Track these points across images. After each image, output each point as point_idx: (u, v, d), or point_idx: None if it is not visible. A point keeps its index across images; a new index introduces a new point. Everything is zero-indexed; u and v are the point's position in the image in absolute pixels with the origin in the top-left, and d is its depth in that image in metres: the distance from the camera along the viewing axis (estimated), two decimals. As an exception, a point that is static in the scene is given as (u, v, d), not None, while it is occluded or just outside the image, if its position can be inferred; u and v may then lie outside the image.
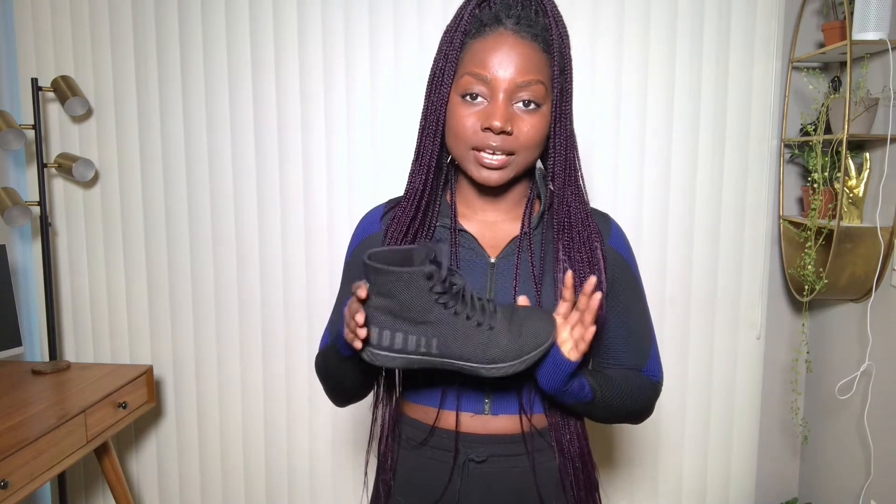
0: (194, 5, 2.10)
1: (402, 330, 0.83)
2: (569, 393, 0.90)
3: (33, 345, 2.29)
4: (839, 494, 2.04)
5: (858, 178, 1.82)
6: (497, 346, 0.84)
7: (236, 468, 2.27)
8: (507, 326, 0.85)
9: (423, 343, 0.83)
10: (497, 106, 0.89)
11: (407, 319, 0.82)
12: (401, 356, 0.84)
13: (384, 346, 0.84)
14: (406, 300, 0.81)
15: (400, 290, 0.81)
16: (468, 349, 0.84)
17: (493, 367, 0.84)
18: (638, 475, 2.19)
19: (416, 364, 0.85)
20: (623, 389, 0.96)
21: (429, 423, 1.00)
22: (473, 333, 0.84)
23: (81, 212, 2.23)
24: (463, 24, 0.91)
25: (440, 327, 0.83)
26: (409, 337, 0.83)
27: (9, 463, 1.46)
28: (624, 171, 2.07)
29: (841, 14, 1.90)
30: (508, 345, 0.84)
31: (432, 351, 0.84)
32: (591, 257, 0.96)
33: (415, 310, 0.82)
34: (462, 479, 0.98)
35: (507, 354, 0.84)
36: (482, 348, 0.84)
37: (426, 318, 0.82)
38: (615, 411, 0.97)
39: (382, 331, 0.83)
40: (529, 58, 0.89)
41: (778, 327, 2.19)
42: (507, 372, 0.85)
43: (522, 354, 0.84)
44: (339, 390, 1.03)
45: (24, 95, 2.16)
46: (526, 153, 0.92)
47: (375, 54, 2.08)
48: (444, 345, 0.84)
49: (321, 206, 2.15)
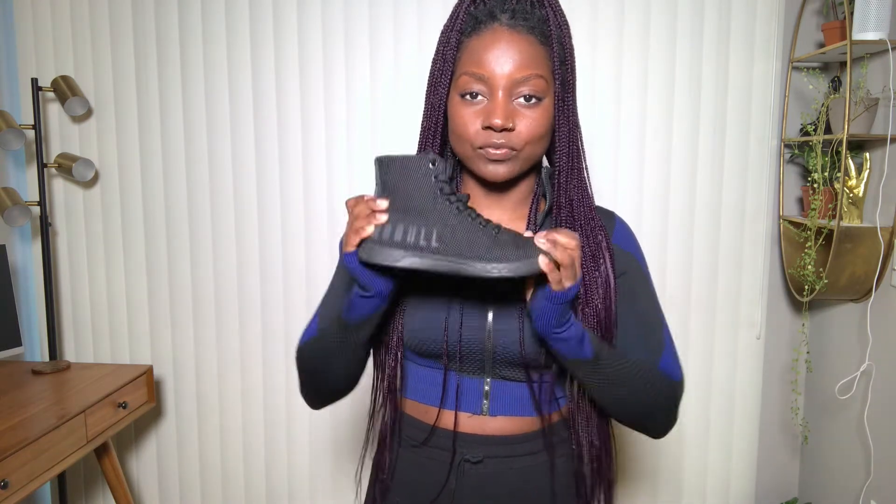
0: (194, 5, 2.10)
1: (403, 222, 0.81)
2: (566, 340, 0.86)
3: (33, 345, 2.29)
4: (839, 494, 2.04)
5: (858, 178, 1.82)
6: (501, 246, 0.80)
7: (236, 468, 2.27)
8: (512, 237, 0.81)
9: (424, 234, 0.80)
10: (496, 104, 0.88)
11: (410, 211, 0.81)
12: (398, 251, 0.80)
13: (383, 240, 0.81)
14: (410, 188, 0.80)
15: (404, 178, 0.80)
16: (469, 245, 0.80)
17: (498, 265, 0.79)
18: (638, 475, 2.19)
19: (413, 263, 0.81)
20: (632, 369, 0.91)
21: (427, 421, 0.99)
22: (477, 232, 0.80)
23: (81, 212, 2.23)
24: (458, 23, 0.91)
25: (442, 220, 0.80)
26: (410, 228, 0.81)
27: (9, 463, 1.46)
28: (624, 170, 2.07)
29: (841, 14, 1.90)
30: (512, 247, 0.80)
31: (431, 245, 0.80)
32: (596, 252, 0.95)
33: (418, 199, 0.80)
34: (457, 479, 0.98)
35: (510, 254, 0.79)
36: (485, 247, 0.80)
37: (428, 209, 0.80)
38: (623, 395, 0.92)
39: (384, 225, 0.81)
40: (527, 52, 0.88)
41: (778, 327, 2.19)
42: (511, 272, 0.79)
43: (528, 257, 0.79)
44: (322, 382, 1.01)
45: (24, 95, 2.16)
46: (530, 147, 0.91)
47: (375, 54, 2.08)
48: (445, 239, 0.80)
49: (321, 205, 2.15)
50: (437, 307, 0.95)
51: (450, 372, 0.97)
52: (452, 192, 0.82)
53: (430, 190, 0.81)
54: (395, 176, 0.81)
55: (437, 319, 0.95)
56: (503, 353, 0.94)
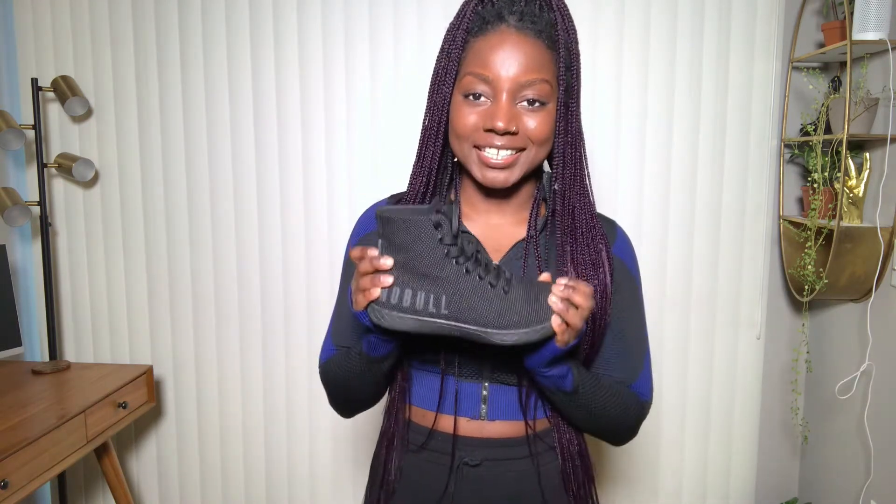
0: (194, 5, 2.10)
1: (411, 286, 0.80)
2: (549, 377, 0.87)
3: (33, 345, 2.29)
4: (839, 494, 2.04)
5: (858, 178, 1.82)
6: (512, 310, 0.79)
7: (236, 468, 2.27)
8: (524, 293, 0.80)
9: (433, 301, 0.79)
10: (500, 106, 0.87)
11: (417, 274, 0.80)
12: (409, 316, 0.80)
13: (392, 305, 0.80)
14: (415, 251, 0.79)
15: (409, 241, 0.79)
16: (480, 311, 0.79)
17: (507, 332, 0.78)
18: (638, 475, 2.19)
19: (424, 328, 0.81)
20: (607, 397, 0.93)
21: (426, 425, 0.99)
22: (487, 295, 0.79)
23: (81, 212, 2.23)
24: (465, 22, 0.89)
25: (451, 285, 0.79)
26: (419, 294, 0.80)
27: (9, 463, 1.46)
28: (624, 171, 2.07)
29: (841, 14, 1.90)
30: (524, 310, 0.79)
31: (441, 311, 0.80)
32: (596, 259, 0.94)
33: (424, 262, 0.79)
34: (456, 482, 0.97)
35: (522, 320, 0.78)
36: (495, 312, 0.79)
37: (436, 273, 0.79)
38: (595, 417, 0.93)
39: (392, 288, 0.80)
40: (533, 56, 0.87)
41: (778, 327, 2.19)
42: (520, 339, 0.79)
43: (538, 322, 0.78)
44: (352, 399, 1.01)
45: (24, 95, 2.16)
46: (534, 150, 0.90)
47: (375, 54, 2.08)
48: (454, 305, 0.79)
49: (321, 205, 2.15)
50: None
51: (448, 377, 0.97)
52: (460, 251, 0.80)
53: (436, 253, 0.79)
54: (399, 235, 0.80)
55: None
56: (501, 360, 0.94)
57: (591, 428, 0.97)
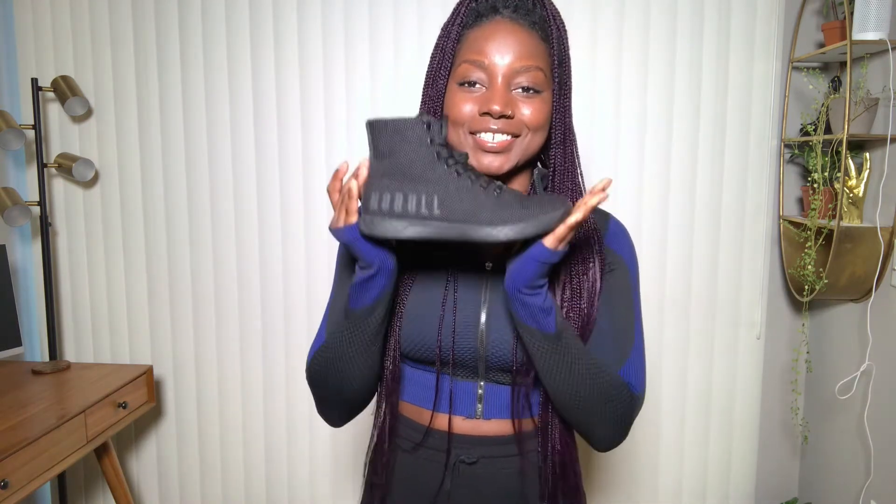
0: (194, 5, 2.10)
1: (402, 190, 0.78)
2: (530, 306, 0.83)
3: (33, 345, 2.29)
4: (839, 494, 2.04)
5: (858, 178, 1.82)
6: (505, 208, 0.77)
7: (236, 468, 2.27)
8: (517, 195, 0.78)
9: (425, 202, 0.77)
10: (496, 90, 0.87)
11: (407, 177, 0.78)
12: (400, 221, 0.78)
13: (384, 211, 0.78)
14: (405, 154, 0.77)
15: (398, 143, 0.77)
16: (473, 209, 0.77)
17: (502, 227, 0.76)
18: (638, 475, 2.19)
19: (417, 233, 0.78)
20: (590, 363, 0.87)
21: (422, 422, 0.99)
22: (479, 195, 0.78)
23: (81, 212, 2.23)
24: (460, 17, 0.91)
25: (443, 186, 0.77)
26: (410, 196, 0.77)
27: (9, 463, 1.46)
28: (624, 170, 2.07)
29: (841, 14, 1.90)
30: (517, 208, 0.77)
31: (434, 212, 0.77)
32: (588, 255, 0.94)
33: (415, 165, 0.77)
34: (452, 479, 0.97)
35: (515, 215, 0.76)
36: (489, 210, 0.77)
37: (427, 175, 0.77)
38: (578, 387, 0.87)
39: (382, 194, 0.78)
40: (527, 44, 0.88)
41: (778, 327, 2.19)
42: (516, 233, 0.76)
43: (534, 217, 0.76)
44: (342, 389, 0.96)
45: (24, 95, 2.16)
46: (530, 136, 0.90)
47: (375, 54, 2.08)
48: (446, 205, 0.77)
49: (321, 205, 2.15)
50: (430, 312, 0.94)
51: (444, 376, 0.96)
52: (450, 154, 0.79)
53: (427, 154, 0.77)
54: (388, 141, 0.78)
55: (430, 325, 0.94)
56: (496, 358, 0.93)
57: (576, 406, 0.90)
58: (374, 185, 0.79)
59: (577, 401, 0.89)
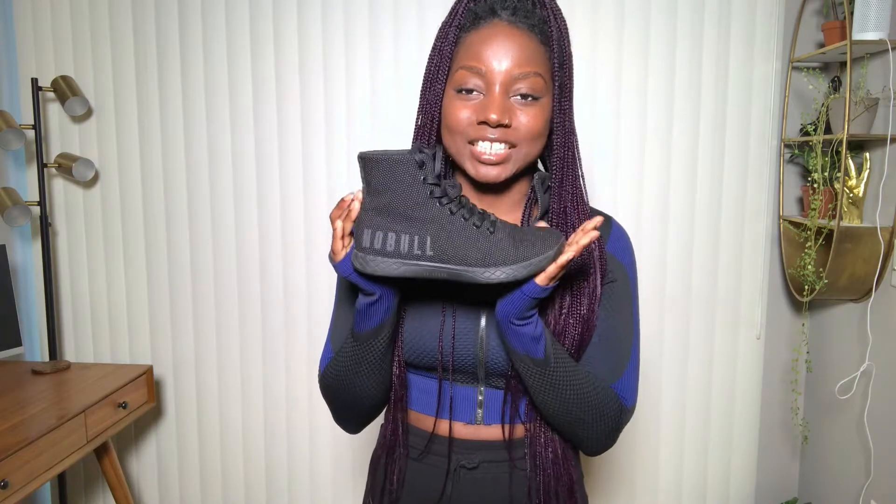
0: (194, 5, 2.10)
1: (395, 229, 0.78)
2: (522, 335, 0.83)
3: (33, 345, 2.29)
4: (839, 494, 2.04)
5: (858, 178, 1.82)
6: (498, 249, 0.77)
7: (236, 468, 2.27)
8: (509, 234, 0.79)
9: (417, 243, 0.78)
10: (493, 98, 0.86)
11: (400, 216, 0.78)
12: (393, 260, 0.78)
13: (376, 249, 0.79)
14: (398, 192, 0.77)
15: (391, 181, 0.77)
16: (466, 250, 0.77)
17: (494, 270, 0.77)
18: (638, 475, 2.19)
19: (409, 272, 0.79)
20: (581, 381, 0.88)
21: (424, 428, 0.99)
22: (472, 235, 0.78)
23: (81, 212, 2.23)
24: (457, 19, 0.89)
25: (435, 225, 0.78)
26: (402, 236, 0.78)
27: (9, 463, 1.46)
28: (624, 171, 2.07)
29: (841, 14, 1.90)
30: (510, 250, 0.77)
31: (426, 252, 0.78)
32: (588, 260, 0.93)
33: (407, 203, 0.77)
34: (453, 485, 0.97)
35: (508, 258, 0.77)
36: (481, 251, 0.77)
37: (420, 214, 0.78)
38: (568, 405, 0.88)
39: (375, 232, 0.79)
40: (526, 49, 0.86)
41: (778, 327, 2.19)
42: (508, 276, 0.77)
43: (526, 258, 0.77)
44: (356, 402, 0.97)
45: (24, 95, 2.16)
46: (528, 145, 0.89)
47: (375, 54, 2.08)
48: (439, 245, 0.78)
49: (321, 205, 2.15)
50: (429, 319, 0.94)
51: (444, 382, 0.96)
52: (444, 192, 0.79)
53: (419, 193, 0.77)
54: (381, 178, 0.78)
55: (430, 332, 0.94)
56: (495, 363, 0.93)
57: (565, 420, 0.91)
58: (367, 221, 0.80)
59: (566, 416, 0.90)
